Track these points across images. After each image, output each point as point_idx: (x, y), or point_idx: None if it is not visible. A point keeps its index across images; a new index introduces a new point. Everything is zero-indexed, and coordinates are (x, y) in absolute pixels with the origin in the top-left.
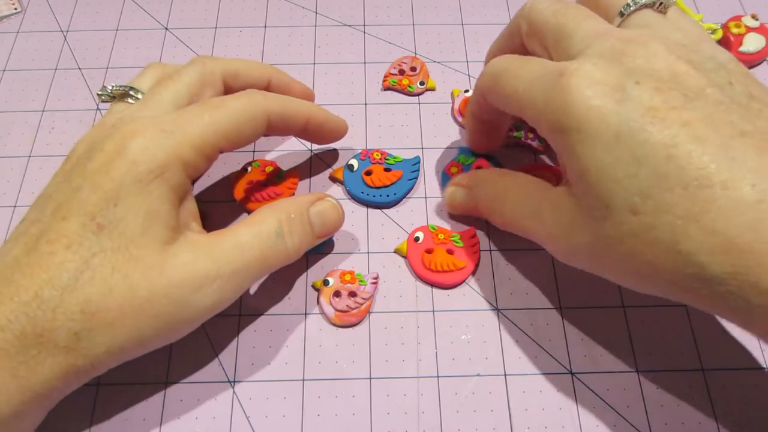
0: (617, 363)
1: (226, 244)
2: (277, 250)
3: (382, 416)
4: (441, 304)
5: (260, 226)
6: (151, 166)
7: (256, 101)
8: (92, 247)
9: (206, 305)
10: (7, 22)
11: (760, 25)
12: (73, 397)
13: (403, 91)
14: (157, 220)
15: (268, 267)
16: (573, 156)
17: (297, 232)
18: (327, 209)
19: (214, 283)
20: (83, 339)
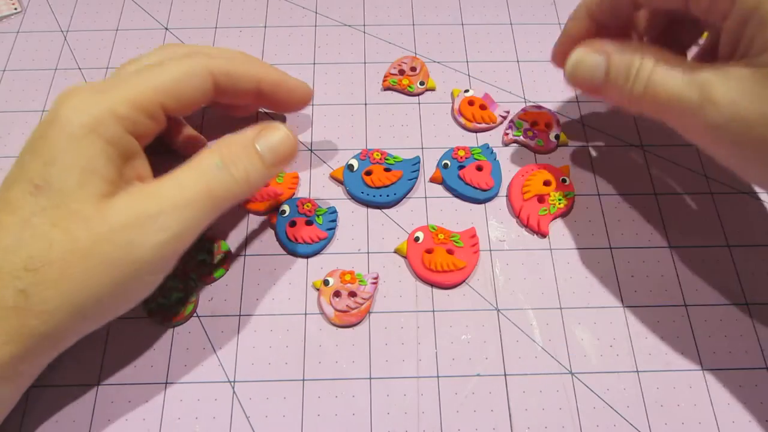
0: (617, 363)
1: (167, 184)
2: (221, 181)
3: (382, 416)
4: (441, 304)
5: (200, 161)
6: (82, 121)
7: (197, 59)
8: (32, 208)
9: (154, 243)
10: (7, 22)
11: None
12: (74, 397)
13: (403, 91)
14: (94, 174)
15: (217, 199)
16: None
17: (242, 162)
18: (274, 136)
19: (157, 220)
20: (31, 295)
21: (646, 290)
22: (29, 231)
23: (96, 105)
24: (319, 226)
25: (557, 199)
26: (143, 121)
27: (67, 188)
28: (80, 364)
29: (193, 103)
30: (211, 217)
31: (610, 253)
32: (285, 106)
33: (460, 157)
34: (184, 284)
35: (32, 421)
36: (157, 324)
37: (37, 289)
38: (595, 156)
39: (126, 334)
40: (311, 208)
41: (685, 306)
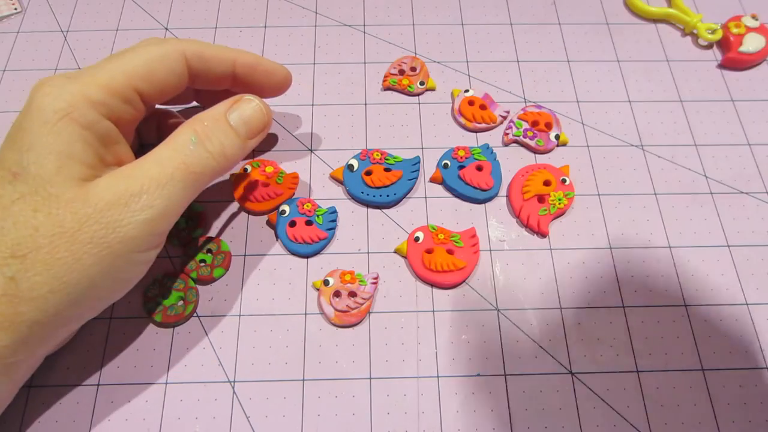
0: (617, 363)
1: (146, 164)
2: (198, 156)
3: (382, 416)
4: (441, 304)
5: (175, 138)
6: (56, 107)
7: (169, 42)
8: (11, 195)
9: (139, 221)
10: (7, 22)
11: (760, 25)
12: (74, 397)
13: (403, 91)
14: (72, 158)
15: (196, 174)
16: None
17: (217, 136)
18: (246, 108)
19: (141, 198)
20: (21, 281)
21: (646, 290)
22: (11, 219)
23: (68, 91)
24: (319, 226)
25: (557, 199)
26: (118, 105)
27: (44, 173)
28: (80, 364)
29: (167, 86)
30: (193, 193)
31: (610, 253)
32: (264, 90)
33: (460, 157)
34: (184, 284)
35: (32, 421)
36: (157, 324)
37: (27, 275)
38: (595, 156)
39: (126, 334)
40: (311, 208)
41: (685, 306)
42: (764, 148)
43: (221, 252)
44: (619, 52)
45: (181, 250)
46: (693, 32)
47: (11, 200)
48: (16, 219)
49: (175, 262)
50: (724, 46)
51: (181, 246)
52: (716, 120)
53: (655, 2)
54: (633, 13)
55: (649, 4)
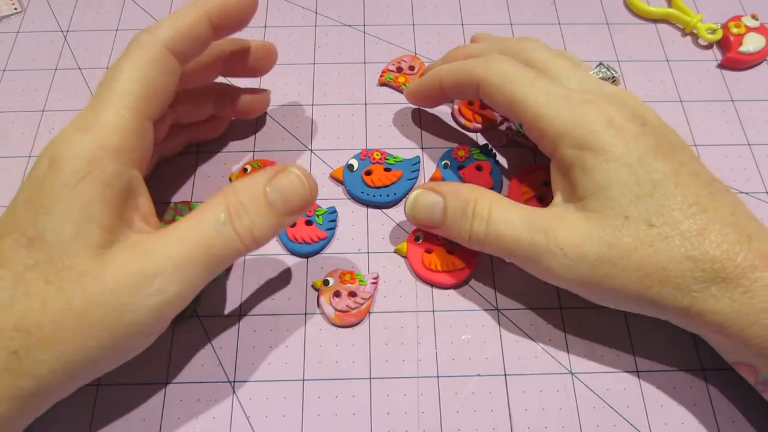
0: (617, 363)
1: (167, 239)
2: (224, 237)
3: (382, 416)
4: (441, 304)
5: (203, 213)
6: (75, 168)
7: (145, 42)
8: (25, 261)
9: (150, 306)
10: (7, 22)
11: (760, 25)
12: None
13: (397, 89)
14: (90, 222)
15: (217, 257)
16: (595, 171)
17: (249, 215)
18: (286, 182)
19: (154, 281)
20: (23, 358)
21: None
22: (22, 287)
23: (84, 146)
24: (319, 226)
25: None
26: (136, 143)
27: (61, 240)
28: None
29: (169, 90)
30: (211, 275)
31: None
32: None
33: (460, 157)
34: None
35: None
36: None
37: (30, 351)
38: None
39: None
40: (311, 208)
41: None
42: (764, 148)
43: None
44: (619, 52)
45: None
46: (693, 32)
47: (25, 267)
48: (28, 289)
49: None
50: (724, 46)
51: None
52: (716, 120)
53: (655, 2)
54: (633, 13)
55: (649, 4)
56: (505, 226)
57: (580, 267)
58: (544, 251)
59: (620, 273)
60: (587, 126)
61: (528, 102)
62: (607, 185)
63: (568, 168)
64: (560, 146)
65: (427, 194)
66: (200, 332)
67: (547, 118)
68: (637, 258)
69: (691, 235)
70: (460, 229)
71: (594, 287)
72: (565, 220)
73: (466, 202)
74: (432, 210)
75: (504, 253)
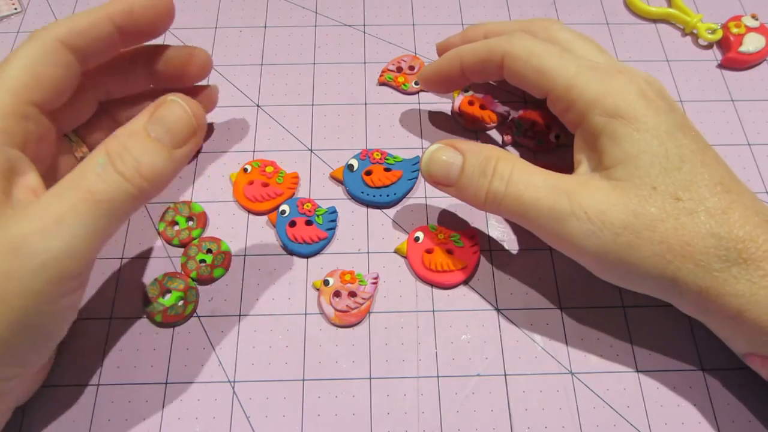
0: (617, 363)
1: (44, 198)
2: (106, 180)
3: (382, 416)
4: (441, 304)
5: (83, 164)
6: None
7: (36, 34)
8: None
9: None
10: (7, 22)
11: (760, 25)
12: (74, 397)
13: (397, 89)
14: None
15: (105, 203)
16: (625, 140)
17: (132, 153)
18: (167, 113)
19: (32, 241)
20: None
21: None
22: None
23: None
24: (319, 226)
25: None
26: (20, 126)
27: None
28: (80, 364)
29: (61, 83)
30: (109, 225)
31: None
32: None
33: None
34: (184, 284)
35: (32, 421)
36: (157, 324)
37: None
38: None
39: (126, 334)
40: (311, 208)
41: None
42: (764, 148)
43: (221, 252)
44: (619, 52)
45: (181, 250)
46: (693, 32)
47: None
48: None
49: (175, 262)
50: (724, 46)
51: (181, 246)
52: (716, 120)
53: (655, 2)
54: (633, 13)
55: (649, 4)
56: (526, 188)
57: (603, 233)
58: (566, 215)
59: (643, 244)
60: (619, 95)
61: (557, 72)
62: (636, 155)
63: (596, 136)
64: (590, 114)
65: (446, 150)
66: (200, 332)
67: (578, 87)
68: (661, 230)
69: (716, 212)
70: (476, 188)
71: (612, 258)
72: (590, 186)
73: (487, 160)
74: (449, 167)
75: (520, 215)
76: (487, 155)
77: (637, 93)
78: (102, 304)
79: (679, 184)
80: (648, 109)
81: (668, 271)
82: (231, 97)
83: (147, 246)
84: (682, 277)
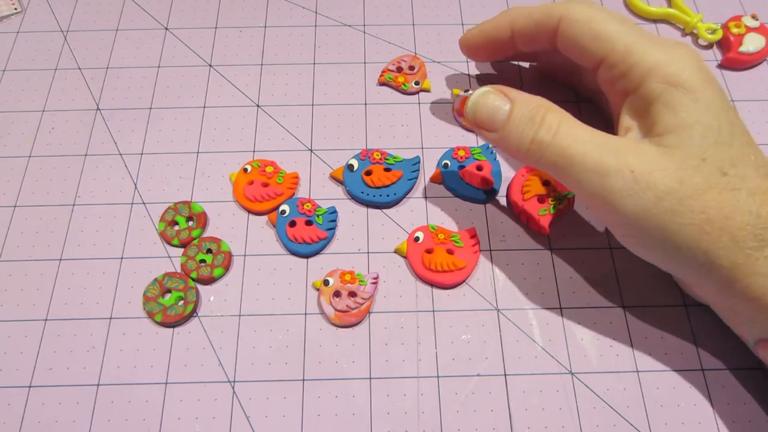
0: (617, 363)
1: None
2: None
3: (382, 416)
4: (441, 304)
5: None
6: None
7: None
8: None
9: None
10: (7, 22)
11: (760, 25)
12: (74, 397)
13: (397, 89)
14: None
15: None
16: (682, 109)
17: None
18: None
19: None
20: None
21: (646, 290)
22: None
23: None
24: (319, 226)
25: (557, 199)
26: None
27: None
28: (80, 364)
29: None
30: None
31: (610, 253)
32: None
33: (460, 157)
34: (184, 284)
35: (32, 421)
36: (157, 324)
37: None
38: None
39: (126, 334)
40: (311, 208)
41: (685, 306)
42: (764, 148)
43: (221, 252)
44: None
45: (181, 250)
46: (693, 32)
47: None
48: None
49: (175, 262)
50: (724, 46)
51: (181, 246)
52: None
53: (655, 2)
54: (633, 13)
55: (649, 4)
56: (573, 141)
57: (645, 195)
58: (612, 171)
59: (684, 212)
60: (680, 64)
61: (618, 37)
62: (690, 124)
63: (651, 103)
64: (648, 80)
65: (495, 94)
66: (200, 332)
67: (638, 53)
68: (704, 201)
69: (758, 192)
70: (521, 135)
71: (650, 222)
72: (639, 149)
73: (536, 109)
74: (496, 111)
75: (562, 167)
76: (537, 104)
77: (697, 65)
78: (102, 304)
79: (727, 160)
80: (706, 82)
81: (703, 242)
82: (231, 97)
83: (147, 246)
84: (716, 251)
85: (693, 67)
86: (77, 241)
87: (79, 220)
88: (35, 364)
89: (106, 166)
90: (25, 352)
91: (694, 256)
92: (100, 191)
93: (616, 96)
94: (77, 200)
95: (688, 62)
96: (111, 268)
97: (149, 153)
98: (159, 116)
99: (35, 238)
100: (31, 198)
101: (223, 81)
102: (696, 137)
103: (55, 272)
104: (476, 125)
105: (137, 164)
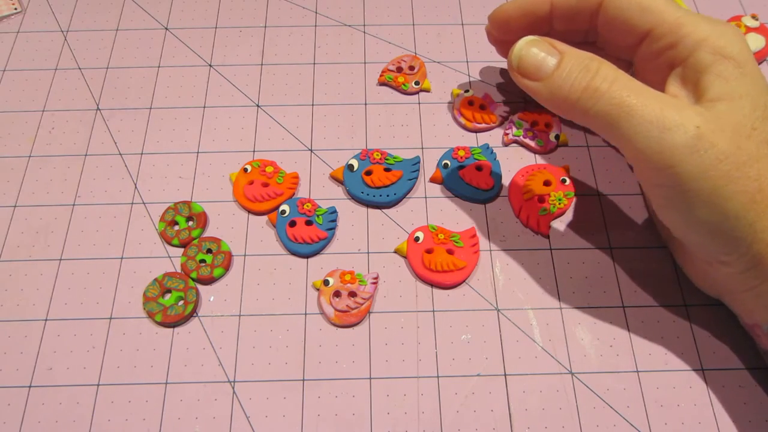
0: (617, 363)
1: None
2: None
3: (382, 416)
4: (441, 304)
5: None
6: None
7: None
8: None
9: None
10: (7, 22)
11: (760, 25)
12: (74, 397)
13: (397, 89)
14: None
15: None
16: (734, 80)
17: None
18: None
19: None
20: None
21: (646, 290)
22: None
23: None
24: (319, 226)
25: (557, 199)
26: None
27: None
28: (80, 364)
29: None
30: None
31: (610, 253)
32: None
33: (460, 157)
34: (184, 284)
35: (32, 421)
36: (157, 324)
37: None
38: (595, 156)
39: (126, 334)
40: (311, 208)
41: (685, 306)
42: None
43: (221, 252)
44: None
45: (181, 250)
46: None
47: None
48: None
49: (175, 262)
50: None
51: (181, 246)
52: None
53: None
54: None
55: None
56: (632, 91)
57: (707, 154)
58: (674, 125)
59: (740, 177)
60: (730, 39)
61: (666, 9)
62: (741, 96)
63: (701, 72)
64: (699, 51)
65: (542, 44)
66: (200, 332)
67: (689, 25)
68: (757, 168)
69: None
70: (573, 83)
71: (704, 184)
72: (695, 108)
73: (590, 60)
74: (543, 60)
75: (616, 118)
76: (590, 56)
77: (744, 42)
78: (102, 304)
79: None
80: (752, 60)
81: (751, 212)
82: (231, 97)
83: (147, 246)
84: (761, 222)
85: (741, 43)
86: (77, 241)
87: (79, 220)
88: (35, 364)
89: (106, 166)
90: (25, 352)
91: (738, 226)
92: (100, 191)
93: (658, 70)
94: (77, 200)
95: (736, 37)
96: (111, 268)
97: (149, 153)
98: (159, 116)
99: (35, 238)
100: (31, 198)
101: (223, 81)
102: (746, 107)
103: (55, 272)
104: (520, 74)
105: (137, 164)
